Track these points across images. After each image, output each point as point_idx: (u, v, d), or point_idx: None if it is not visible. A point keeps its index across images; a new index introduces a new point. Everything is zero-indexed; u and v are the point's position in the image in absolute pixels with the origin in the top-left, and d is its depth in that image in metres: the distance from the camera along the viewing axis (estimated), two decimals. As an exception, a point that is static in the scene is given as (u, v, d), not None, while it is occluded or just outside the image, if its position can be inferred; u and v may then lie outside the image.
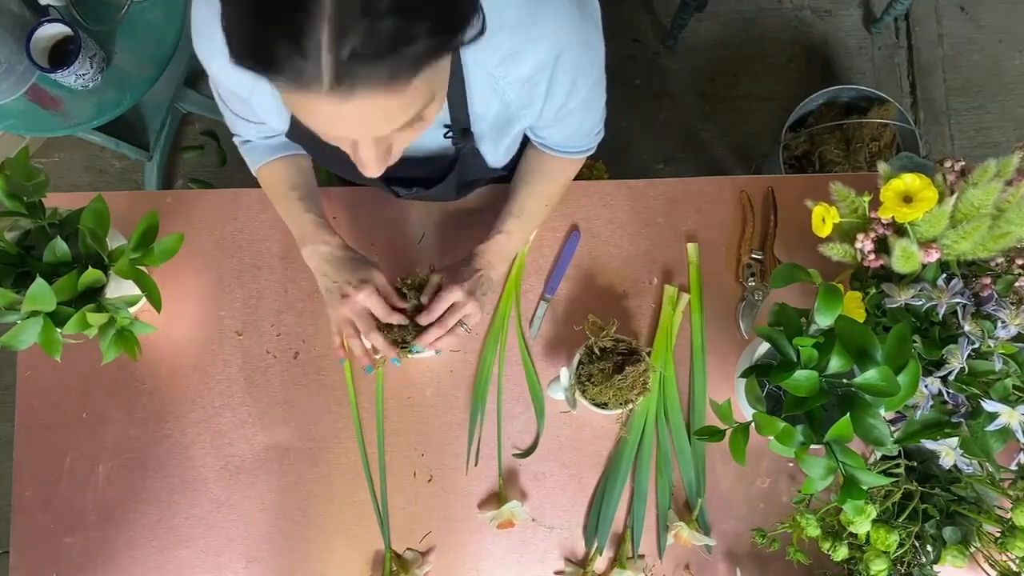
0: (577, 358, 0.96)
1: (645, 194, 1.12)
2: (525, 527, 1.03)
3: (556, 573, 1.03)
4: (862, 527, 0.84)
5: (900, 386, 0.73)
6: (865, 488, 0.75)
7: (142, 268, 0.95)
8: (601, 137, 1.01)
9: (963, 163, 0.88)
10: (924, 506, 0.89)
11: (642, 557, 1.02)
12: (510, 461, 1.05)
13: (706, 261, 1.10)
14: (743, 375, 0.85)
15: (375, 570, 1.02)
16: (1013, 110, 2.07)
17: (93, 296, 0.93)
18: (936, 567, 0.89)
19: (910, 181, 0.83)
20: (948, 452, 0.84)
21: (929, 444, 0.85)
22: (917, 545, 0.88)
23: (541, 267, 1.10)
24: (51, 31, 1.36)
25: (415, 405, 1.06)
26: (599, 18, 0.81)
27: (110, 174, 2.04)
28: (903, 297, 0.84)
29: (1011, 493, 0.85)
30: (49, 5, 1.40)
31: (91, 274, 0.89)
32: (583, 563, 1.02)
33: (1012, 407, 0.79)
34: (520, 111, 0.84)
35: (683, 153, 2.04)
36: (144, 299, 0.96)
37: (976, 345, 0.81)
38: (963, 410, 0.82)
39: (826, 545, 0.89)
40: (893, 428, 0.85)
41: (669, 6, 2.05)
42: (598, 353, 0.96)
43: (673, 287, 1.08)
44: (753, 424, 0.80)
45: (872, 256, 0.87)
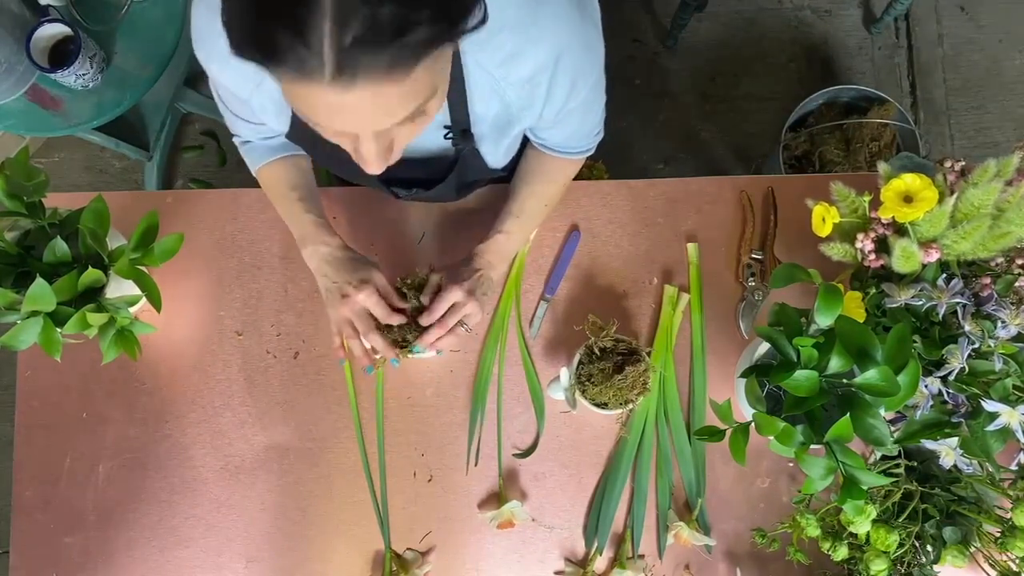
0: (577, 358, 0.96)
1: (645, 194, 1.12)
2: (525, 527, 1.03)
3: (556, 573, 1.03)
4: (862, 527, 0.84)
5: (900, 386, 0.73)
6: (865, 488, 0.75)
7: (142, 268, 0.95)
8: (601, 137, 1.01)
9: (963, 163, 0.88)
10: (924, 506, 0.89)
11: (642, 557, 1.02)
12: (510, 461, 1.05)
13: (706, 261, 1.10)
14: (743, 375, 0.85)
15: (375, 570, 1.02)
16: (1013, 110, 2.07)
17: (93, 296, 0.93)
18: (936, 567, 0.89)
19: (910, 181, 0.83)
20: (948, 452, 0.84)
21: (929, 444, 0.85)
22: (917, 545, 0.88)
23: (541, 267, 1.10)
24: (51, 31, 1.36)
25: (415, 405, 1.06)
26: (599, 20, 0.81)
27: (110, 174, 2.04)
28: (903, 297, 0.84)
29: (1011, 493, 0.85)
30: (49, 5, 1.40)
31: (91, 274, 0.89)
32: (583, 563, 1.02)
33: (1012, 407, 0.79)
34: (520, 112, 0.84)
35: (683, 153, 2.04)
36: (144, 299, 0.96)
37: (976, 345, 0.81)
38: (963, 410, 0.82)
39: (826, 545, 0.89)
40: (893, 428, 0.85)
41: (669, 6, 2.05)
42: (598, 353, 0.96)
43: (673, 287, 1.08)
44: (753, 424, 0.80)
45: (872, 256, 0.87)
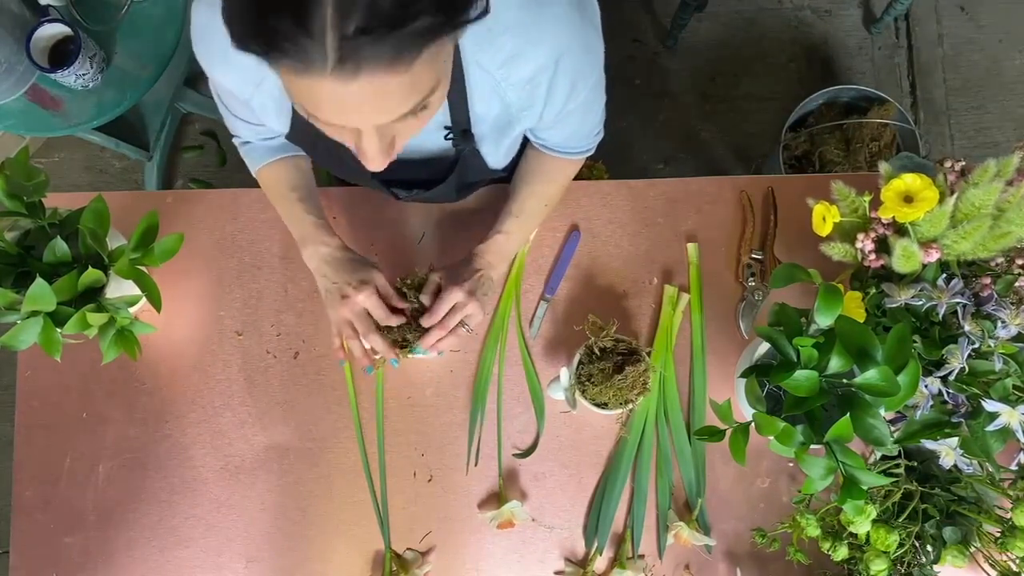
0: (577, 358, 0.96)
1: (645, 194, 1.12)
2: (525, 527, 1.03)
3: (556, 573, 1.03)
4: (862, 527, 0.84)
5: (900, 386, 0.73)
6: (865, 488, 0.75)
7: (142, 268, 0.95)
8: (600, 138, 1.01)
9: (963, 163, 0.88)
10: (924, 506, 0.89)
11: (642, 557, 1.02)
12: (510, 461, 1.05)
13: (706, 261, 1.10)
14: (743, 375, 0.85)
15: (375, 570, 1.02)
16: (1013, 110, 2.07)
17: (93, 296, 0.93)
18: (936, 567, 0.89)
19: (911, 181, 0.83)
20: (948, 452, 0.84)
21: (929, 444, 0.85)
22: (917, 545, 0.88)
23: (541, 267, 1.10)
24: (51, 31, 1.36)
25: (415, 405, 1.06)
26: (599, 21, 0.82)
27: (110, 174, 2.04)
28: (903, 297, 0.84)
29: (1011, 493, 0.85)
30: (49, 5, 1.40)
31: (91, 274, 0.89)
32: (583, 563, 1.02)
33: (1012, 407, 0.79)
34: (521, 112, 0.84)
35: (683, 153, 2.04)
36: (144, 299, 0.96)
37: (976, 345, 0.81)
38: (963, 410, 0.82)
39: (826, 545, 0.89)
40: (893, 428, 0.85)
41: (669, 6, 2.05)
42: (598, 353, 0.96)
43: (673, 287, 1.08)
44: (753, 424, 0.80)
45: (872, 256, 0.87)
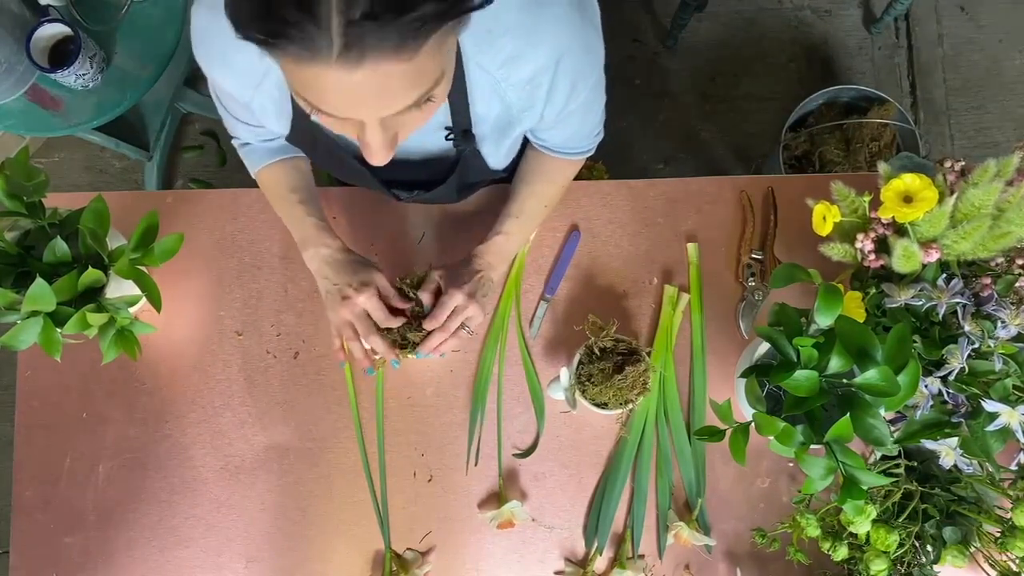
0: (577, 358, 0.96)
1: (645, 194, 1.12)
2: (525, 527, 1.03)
3: (556, 573, 1.03)
4: (862, 527, 0.84)
5: (900, 386, 0.73)
6: (865, 488, 0.75)
7: (142, 268, 0.95)
8: (600, 138, 1.01)
9: (963, 163, 0.88)
10: (924, 506, 0.89)
11: (642, 557, 1.02)
12: (510, 461, 1.05)
13: (706, 261, 1.10)
14: (743, 375, 0.85)
15: (375, 570, 1.02)
16: (1013, 110, 2.07)
17: (93, 296, 0.93)
18: (936, 567, 0.89)
19: (910, 181, 0.82)
20: (948, 452, 0.84)
21: (929, 444, 0.85)
22: (917, 545, 0.88)
23: (541, 267, 1.10)
24: (51, 31, 1.36)
25: (415, 405, 1.06)
26: (599, 22, 0.81)
27: (110, 174, 2.04)
28: (903, 297, 0.84)
29: (1011, 493, 0.85)
30: (49, 5, 1.40)
31: (91, 274, 0.89)
32: (583, 563, 1.02)
33: (1012, 407, 0.79)
34: (521, 113, 0.84)
35: (683, 153, 2.04)
36: (144, 299, 0.96)
37: (976, 345, 0.81)
38: (963, 410, 0.82)
39: (826, 545, 0.89)
40: (893, 428, 0.85)
41: (669, 6, 2.05)
42: (598, 353, 0.96)
43: (673, 287, 1.08)
44: (753, 424, 0.80)
45: (872, 256, 0.87)
